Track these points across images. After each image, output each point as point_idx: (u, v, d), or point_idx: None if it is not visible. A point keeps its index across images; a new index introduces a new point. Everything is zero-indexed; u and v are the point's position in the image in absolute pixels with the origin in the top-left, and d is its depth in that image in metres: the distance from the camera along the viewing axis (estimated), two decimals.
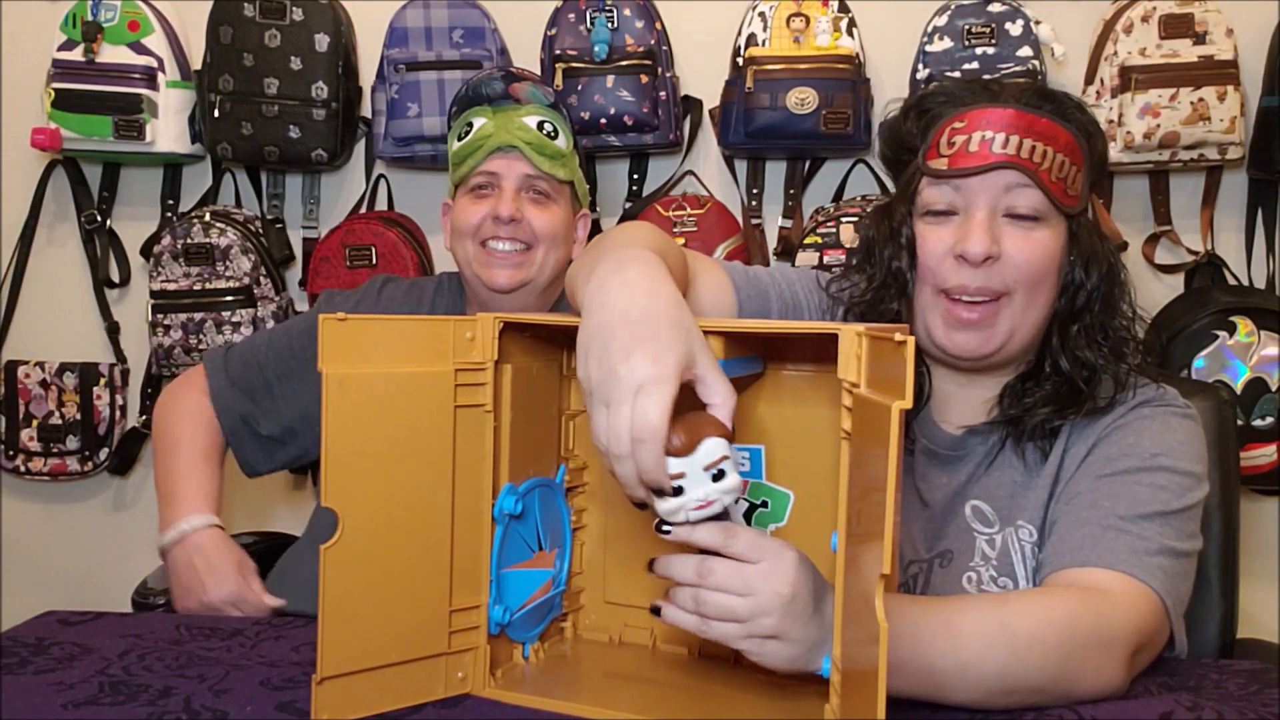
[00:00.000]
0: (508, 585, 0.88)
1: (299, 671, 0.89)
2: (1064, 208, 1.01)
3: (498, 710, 0.83)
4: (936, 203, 1.03)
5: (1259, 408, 1.75)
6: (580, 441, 0.97)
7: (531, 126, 1.43)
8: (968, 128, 1.00)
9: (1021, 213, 1.00)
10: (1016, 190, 1.00)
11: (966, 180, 1.00)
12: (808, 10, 1.84)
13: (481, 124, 1.44)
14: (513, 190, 1.43)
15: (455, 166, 1.47)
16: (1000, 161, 0.99)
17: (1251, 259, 1.92)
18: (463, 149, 1.44)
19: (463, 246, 1.45)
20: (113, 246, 2.15)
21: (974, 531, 1.06)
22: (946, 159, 1.01)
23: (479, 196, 1.45)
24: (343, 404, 0.79)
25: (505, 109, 1.45)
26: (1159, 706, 0.83)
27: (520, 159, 1.43)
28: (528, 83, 1.46)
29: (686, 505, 0.74)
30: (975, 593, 1.03)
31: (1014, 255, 1.00)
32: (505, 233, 1.42)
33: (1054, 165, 0.99)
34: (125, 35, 1.95)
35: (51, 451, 2.09)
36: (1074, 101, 1.06)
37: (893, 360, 0.67)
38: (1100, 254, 1.04)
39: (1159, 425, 1.01)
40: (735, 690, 0.87)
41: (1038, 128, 0.99)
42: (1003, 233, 1.00)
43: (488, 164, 1.44)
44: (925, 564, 1.07)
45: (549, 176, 1.45)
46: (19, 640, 0.96)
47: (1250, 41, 1.82)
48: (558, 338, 0.94)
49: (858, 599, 0.70)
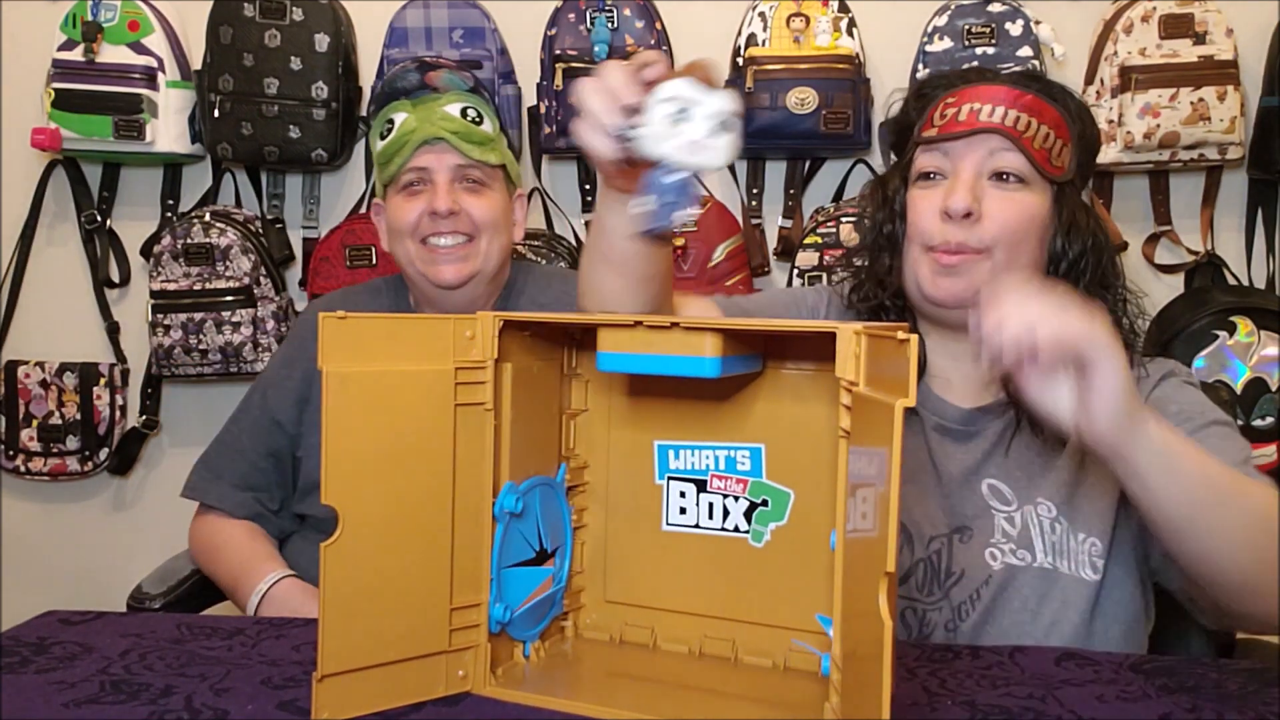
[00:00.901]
0: (508, 584, 0.88)
1: (299, 670, 0.89)
2: (1047, 174, 1.07)
3: (498, 709, 0.83)
4: (927, 167, 1.10)
5: (1259, 408, 1.75)
6: (581, 440, 0.97)
7: (455, 115, 1.39)
8: (959, 101, 1.09)
9: (1005, 172, 1.06)
10: (1000, 154, 1.06)
11: (954, 144, 1.08)
12: (808, 10, 1.84)
13: (403, 119, 1.39)
14: (446, 183, 1.39)
15: (382, 166, 1.42)
16: (986, 127, 1.06)
17: (1251, 259, 1.92)
18: (388, 148, 1.40)
19: (403, 247, 1.41)
20: (113, 246, 2.15)
21: (992, 510, 1.09)
22: (938, 128, 1.09)
23: (412, 194, 1.40)
24: (343, 403, 0.79)
25: (424, 100, 1.40)
26: (1158, 708, 0.84)
27: (449, 150, 1.39)
28: (443, 70, 1.41)
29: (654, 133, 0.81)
30: (998, 566, 1.07)
31: (994, 213, 1.05)
32: (445, 227, 1.39)
33: (1038, 134, 1.06)
34: (125, 35, 1.96)
35: (51, 451, 2.09)
36: (1064, 88, 1.12)
37: (894, 359, 0.67)
38: (1084, 227, 1.08)
39: (1184, 393, 1.09)
40: (735, 690, 0.87)
41: (1024, 101, 1.07)
42: (986, 193, 1.06)
43: (416, 159, 1.39)
44: (945, 538, 1.09)
45: (480, 163, 1.41)
46: (20, 640, 0.96)
47: (1250, 41, 1.82)
48: (558, 336, 0.94)
49: (859, 598, 0.70)
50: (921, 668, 0.91)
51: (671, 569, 0.95)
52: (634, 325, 0.82)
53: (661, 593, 0.95)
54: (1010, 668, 0.92)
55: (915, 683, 0.88)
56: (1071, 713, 0.82)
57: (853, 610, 0.72)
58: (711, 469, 0.93)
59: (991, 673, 0.91)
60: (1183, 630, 1.17)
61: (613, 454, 0.97)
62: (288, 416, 1.44)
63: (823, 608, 0.86)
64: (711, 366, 0.80)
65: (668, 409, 0.95)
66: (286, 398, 1.45)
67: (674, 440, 0.94)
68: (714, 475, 0.93)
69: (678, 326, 0.80)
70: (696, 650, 0.94)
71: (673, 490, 0.94)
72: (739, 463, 0.92)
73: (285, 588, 1.34)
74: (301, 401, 1.44)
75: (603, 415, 0.97)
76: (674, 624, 0.95)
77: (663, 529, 0.95)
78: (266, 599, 1.32)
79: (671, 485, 0.94)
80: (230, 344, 1.95)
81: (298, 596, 1.33)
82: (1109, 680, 0.90)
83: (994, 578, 1.07)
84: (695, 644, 0.94)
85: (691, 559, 0.94)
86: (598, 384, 0.97)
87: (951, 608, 1.08)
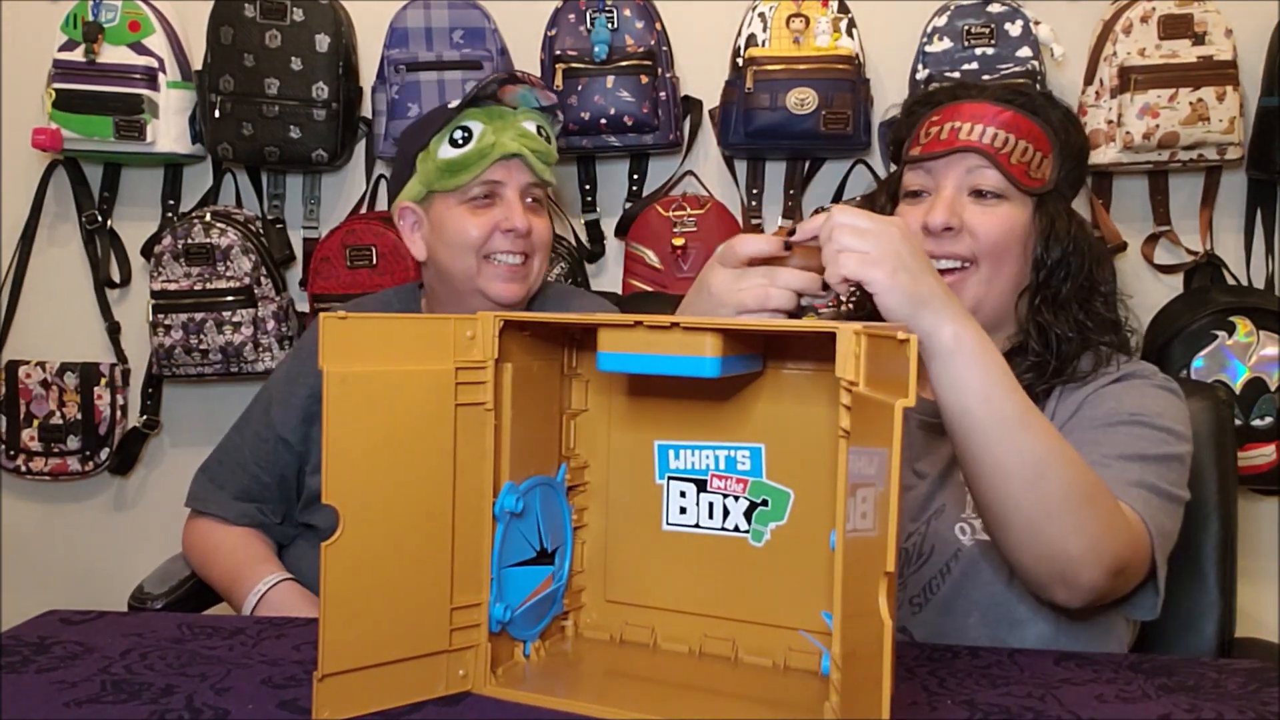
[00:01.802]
0: (509, 583, 0.88)
1: (300, 670, 0.89)
2: (1025, 188, 1.12)
3: (498, 708, 0.83)
4: (912, 185, 1.16)
5: (1258, 408, 1.75)
6: (581, 440, 0.97)
7: (532, 131, 1.36)
8: (941, 120, 1.14)
9: (984, 189, 1.12)
10: (978, 171, 1.12)
11: (935, 163, 1.13)
12: (807, 11, 1.84)
13: (480, 130, 1.34)
14: (518, 200, 1.36)
15: (448, 174, 1.35)
16: (964, 146, 1.11)
17: (1251, 259, 1.92)
18: (465, 158, 1.33)
19: (462, 260, 1.36)
20: (113, 246, 2.15)
21: (964, 486, 1.09)
22: (922, 147, 1.15)
23: (478, 207, 1.36)
24: (343, 402, 0.79)
25: (498, 113, 1.37)
26: (1158, 708, 0.84)
27: (523, 168, 1.36)
28: (523, 86, 1.39)
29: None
30: (969, 542, 1.09)
31: (975, 227, 1.11)
32: (516, 246, 1.36)
33: (1016, 150, 1.11)
34: (126, 36, 1.96)
35: (52, 451, 2.09)
36: (1047, 99, 1.17)
37: (894, 359, 0.67)
38: (1066, 234, 1.13)
39: (1138, 393, 1.10)
40: (735, 690, 0.87)
41: (1003, 118, 1.12)
42: (967, 208, 1.12)
43: (489, 172, 1.35)
44: (924, 523, 1.12)
45: (545, 183, 1.40)
46: (21, 639, 0.96)
47: (1250, 41, 1.82)
48: (558, 336, 0.94)
49: (858, 598, 0.70)
50: (921, 667, 0.92)
51: (671, 569, 0.95)
52: (634, 325, 0.82)
53: (661, 592, 0.95)
54: (1010, 667, 0.93)
55: (915, 682, 0.88)
56: (1071, 713, 0.83)
57: (853, 610, 0.72)
58: (712, 469, 0.93)
59: (991, 672, 0.91)
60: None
61: (613, 454, 0.97)
62: (295, 436, 1.41)
63: (823, 607, 0.87)
64: (711, 366, 0.80)
65: (668, 409, 0.95)
66: (292, 416, 1.41)
67: (674, 440, 0.94)
68: (714, 475, 0.93)
69: (678, 326, 0.80)
70: (696, 650, 0.94)
71: (673, 490, 0.94)
72: (739, 463, 0.92)
73: (283, 591, 1.32)
74: (308, 419, 1.41)
75: (603, 415, 0.97)
76: (674, 624, 0.95)
77: (663, 529, 0.95)
78: (264, 602, 1.31)
79: (672, 485, 0.95)
80: (231, 344, 1.95)
81: (296, 602, 1.31)
82: (1109, 680, 0.90)
83: (962, 553, 1.09)
84: (695, 644, 0.94)
85: (691, 559, 0.94)
86: (598, 384, 0.97)
87: (921, 585, 1.10)
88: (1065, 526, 0.90)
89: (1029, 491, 0.89)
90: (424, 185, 1.38)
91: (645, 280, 1.93)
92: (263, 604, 1.31)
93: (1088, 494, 0.91)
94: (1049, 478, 0.89)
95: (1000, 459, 0.89)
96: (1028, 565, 0.95)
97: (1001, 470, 0.90)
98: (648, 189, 2.02)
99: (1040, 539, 0.91)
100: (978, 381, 0.88)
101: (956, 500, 1.12)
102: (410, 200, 1.39)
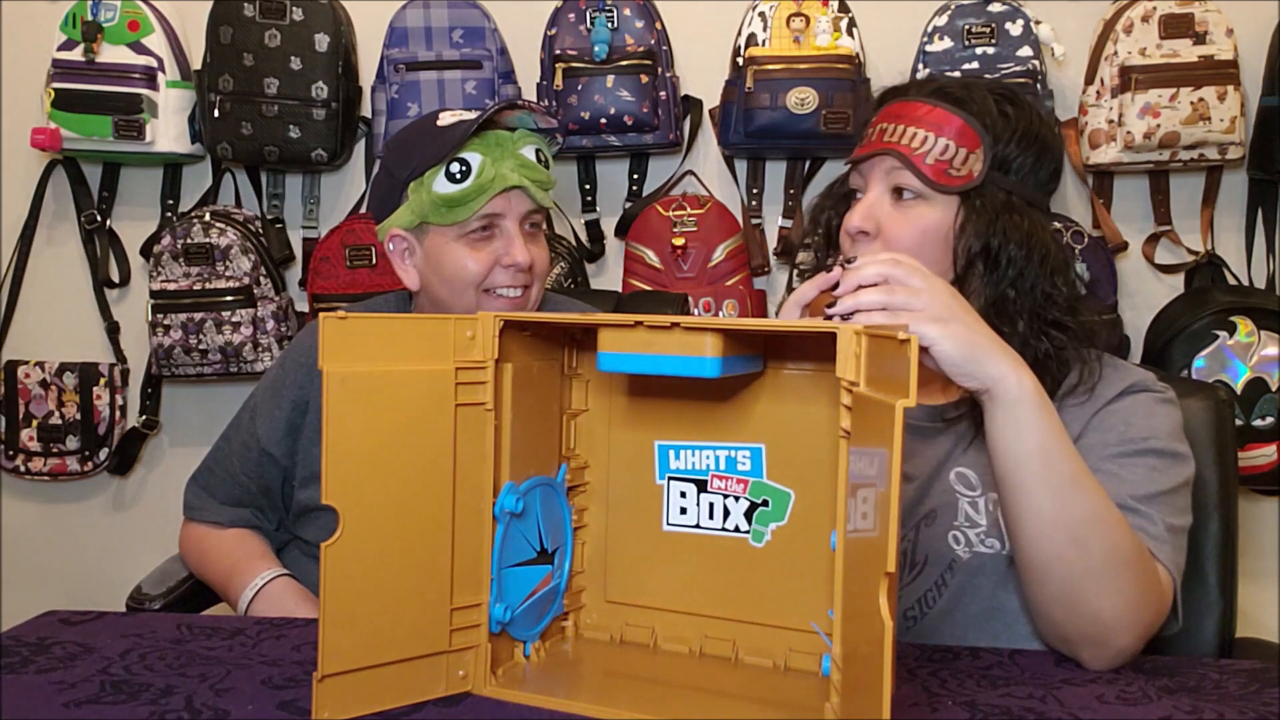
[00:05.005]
0: (509, 584, 0.88)
1: (300, 670, 0.89)
2: (943, 187, 1.09)
3: (498, 709, 0.83)
4: (851, 186, 1.17)
5: (1259, 408, 1.75)
6: (581, 440, 0.97)
7: (530, 159, 1.28)
8: (876, 121, 1.14)
9: (903, 189, 1.11)
10: (895, 172, 1.10)
11: (862, 165, 1.14)
12: (808, 10, 1.84)
13: (479, 162, 1.25)
14: (517, 231, 1.29)
15: (445, 209, 1.26)
16: (883, 148, 1.11)
17: (1251, 259, 1.92)
18: (463, 195, 1.25)
19: (461, 298, 1.30)
20: (113, 246, 2.15)
21: (957, 493, 1.10)
22: (856, 149, 1.16)
23: (476, 241, 1.28)
24: (343, 402, 0.79)
25: (495, 139, 1.27)
26: (1158, 709, 0.84)
27: (522, 197, 1.28)
28: (520, 110, 1.29)
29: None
30: (965, 553, 1.08)
31: (888, 231, 1.10)
32: (518, 280, 1.30)
33: (934, 149, 1.09)
34: (125, 35, 1.96)
35: (51, 451, 2.09)
36: (989, 90, 1.13)
37: (894, 359, 0.67)
38: (997, 228, 1.07)
39: (1145, 411, 1.08)
40: (735, 690, 0.87)
41: (926, 117, 1.10)
42: (886, 212, 1.11)
43: (489, 206, 1.27)
44: (913, 529, 1.11)
45: (543, 209, 1.34)
46: (20, 639, 0.96)
47: (1250, 41, 1.82)
48: (558, 336, 0.94)
49: (859, 598, 0.70)
50: (921, 668, 0.91)
51: (672, 569, 0.95)
52: (634, 325, 0.82)
53: (662, 593, 0.95)
54: (1010, 668, 0.92)
55: (915, 683, 0.88)
56: (1071, 713, 0.82)
57: (853, 610, 0.72)
58: (712, 469, 0.93)
59: (992, 673, 0.91)
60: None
61: (613, 454, 0.97)
62: (280, 450, 1.38)
63: (824, 607, 0.87)
64: (712, 366, 0.80)
65: (668, 409, 0.95)
66: (276, 429, 1.38)
67: (674, 440, 0.94)
68: (714, 475, 0.93)
69: (678, 327, 0.80)
70: (696, 650, 0.94)
71: (673, 490, 0.94)
72: (739, 463, 0.92)
73: (279, 586, 1.31)
74: (292, 432, 1.38)
75: (603, 415, 0.97)
76: (674, 624, 0.95)
77: (663, 529, 0.95)
78: (260, 596, 1.30)
79: (672, 485, 0.94)
80: (230, 344, 1.95)
81: (291, 597, 1.30)
82: (1109, 680, 0.90)
83: (958, 565, 1.08)
84: (695, 644, 0.94)
85: (692, 559, 0.94)
86: (598, 384, 0.97)
87: (916, 597, 1.09)
88: (1104, 588, 0.90)
89: (1072, 549, 0.89)
90: (417, 216, 1.29)
91: (645, 280, 1.93)
92: (259, 598, 1.30)
93: (1129, 558, 0.91)
94: (1095, 538, 0.89)
95: (1050, 515, 0.89)
96: (1059, 622, 0.94)
97: (1049, 525, 0.89)
98: (648, 189, 2.02)
99: (1077, 598, 0.91)
100: (1039, 434, 0.88)
101: (947, 506, 1.10)
102: (402, 228, 1.31)
